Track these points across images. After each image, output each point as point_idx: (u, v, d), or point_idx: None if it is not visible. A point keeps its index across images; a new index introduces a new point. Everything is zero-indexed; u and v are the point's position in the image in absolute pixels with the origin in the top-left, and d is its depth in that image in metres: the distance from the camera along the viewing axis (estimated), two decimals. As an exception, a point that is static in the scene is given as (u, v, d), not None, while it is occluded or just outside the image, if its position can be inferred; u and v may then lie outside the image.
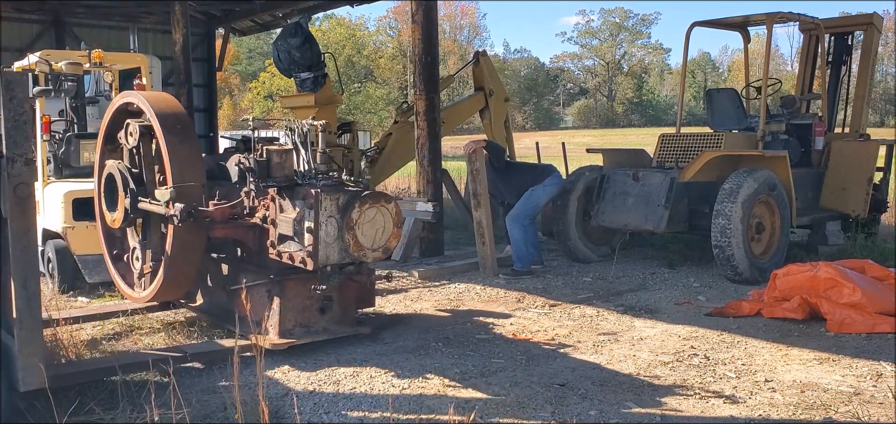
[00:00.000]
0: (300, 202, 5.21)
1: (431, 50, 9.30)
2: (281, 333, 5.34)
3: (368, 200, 5.16)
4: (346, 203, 5.10)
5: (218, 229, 5.52)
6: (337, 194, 5.10)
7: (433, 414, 4.27)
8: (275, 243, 5.38)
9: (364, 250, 5.16)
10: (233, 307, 5.70)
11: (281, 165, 5.38)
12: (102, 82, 12.49)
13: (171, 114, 5.48)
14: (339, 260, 5.14)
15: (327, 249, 5.06)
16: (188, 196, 5.27)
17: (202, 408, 4.35)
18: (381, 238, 5.22)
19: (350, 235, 5.08)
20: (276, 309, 5.38)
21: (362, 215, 5.11)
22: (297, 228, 5.17)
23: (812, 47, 10.08)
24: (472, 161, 8.33)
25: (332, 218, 5.05)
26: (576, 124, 78.93)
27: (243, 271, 5.74)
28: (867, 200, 8.96)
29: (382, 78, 65.30)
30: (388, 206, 5.24)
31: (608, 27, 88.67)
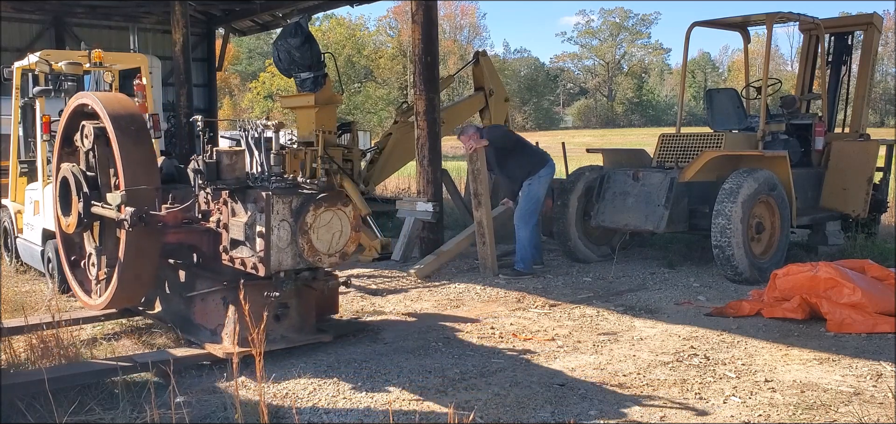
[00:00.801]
0: (252, 205, 5.03)
1: (431, 50, 9.29)
2: (237, 341, 5.11)
3: (324, 202, 4.99)
4: (299, 206, 4.93)
5: (171, 234, 5.32)
6: (290, 196, 4.93)
7: (433, 414, 4.27)
8: (227, 248, 5.21)
9: (319, 256, 4.99)
10: (190, 314, 5.54)
11: (231, 166, 5.18)
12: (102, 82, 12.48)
13: (126, 115, 5.28)
14: (293, 266, 4.97)
15: (280, 254, 4.89)
16: (141, 200, 5.08)
17: (202, 408, 4.35)
18: (337, 243, 5.05)
19: (304, 239, 4.91)
20: (231, 317, 5.18)
21: (317, 219, 4.95)
22: (248, 232, 4.99)
23: (812, 47, 10.08)
24: (473, 161, 8.32)
25: (284, 222, 4.89)
26: (576, 124, 78.92)
27: (200, 277, 5.54)
28: (867, 200, 8.95)
29: (382, 78, 65.27)
30: (346, 209, 5.08)
31: (608, 27, 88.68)
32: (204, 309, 5.46)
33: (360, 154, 11.54)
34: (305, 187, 5.20)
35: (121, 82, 9.48)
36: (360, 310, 6.76)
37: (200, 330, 5.42)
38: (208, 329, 5.38)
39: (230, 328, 5.16)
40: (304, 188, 5.16)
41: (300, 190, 5.08)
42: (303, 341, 5.32)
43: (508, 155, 8.53)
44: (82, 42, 9.50)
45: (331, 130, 10.46)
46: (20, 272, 8.71)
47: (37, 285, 8.04)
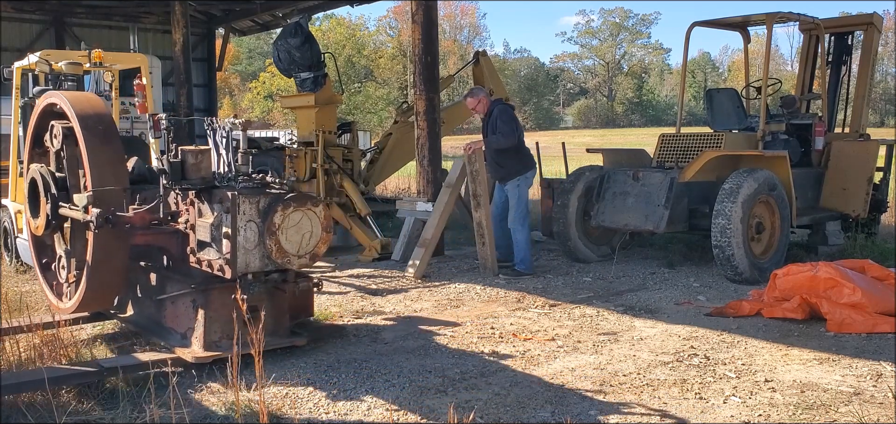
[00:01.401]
0: (218, 206, 4.91)
1: (431, 50, 9.29)
2: (206, 345, 4.99)
3: (293, 203, 4.86)
4: (267, 206, 4.81)
5: (138, 236, 5.18)
6: (257, 196, 4.81)
7: (433, 414, 4.27)
8: (195, 250, 5.09)
9: (288, 257, 4.86)
10: (161, 318, 5.44)
11: (196, 166, 5.06)
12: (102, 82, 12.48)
13: (93, 115, 5.16)
14: (261, 268, 4.85)
15: (247, 256, 4.77)
16: (108, 201, 4.96)
17: (202, 408, 4.35)
18: (307, 244, 4.91)
19: (272, 240, 4.79)
20: (200, 321, 5.04)
21: (286, 219, 4.82)
22: (214, 233, 4.87)
23: (812, 47, 10.08)
24: (472, 162, 8.32)
25: (251, 222, 4.76)
26: (576, 124, 78.95)
27: (171, 280, 5.42)
28: (867, 200, 8.95)
29: (382, 78, 65.27)
30: (316, 209, 4.95)
31: (608, 27, 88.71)
32: (174, 313, 5.33)
33: (360, 154, 11.54)
34: (274, 186, 5.08)
35: (121, 82, 9.48)
36: (360, 310, 6.76)
37: (171, 334, 5.30)
38: (178, 333, 5.26)
39: (199, 332, 5.03)
40: (273, 188, 5.04)
41: (268, 190, 4.96)
42: (276, 344, 5.15)
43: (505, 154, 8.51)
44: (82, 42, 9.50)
45: (331, 130, 10.46)
46: (20, 272, 8.71)
47: (37, 284, 8.04)
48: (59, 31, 17.12)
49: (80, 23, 17.52)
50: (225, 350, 4.88)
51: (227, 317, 4.96)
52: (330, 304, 7.01)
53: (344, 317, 6.52)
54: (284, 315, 5.36)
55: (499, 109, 8.48)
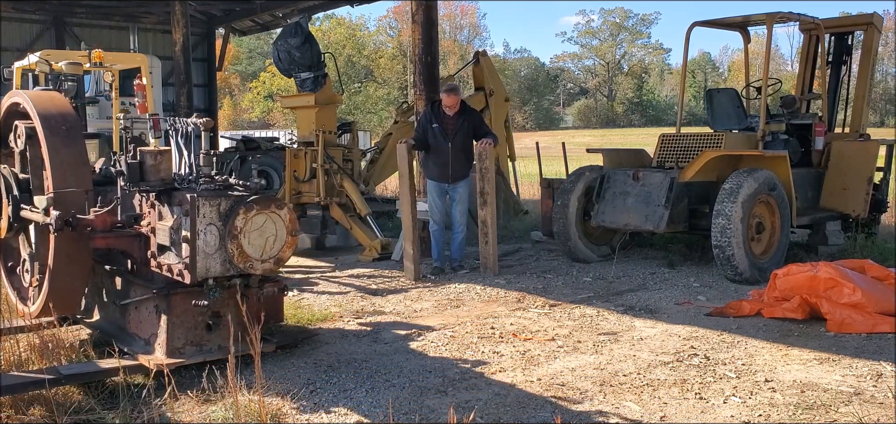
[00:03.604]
0: (177, 208, 4.77)
1: (431, 50, 9.29)
2: (169, 352, 4.83)
3: (256, 205, 4.68)
4: (228, 209, 4.63)
5: (99, 239, 5.01)
6: (217, 198, 4.64)
7: (433, 414, 4.27)
8: (155, 254, 4.95)
9: (251, 261, 4.68)
10: (125, 323, 5.32)
11: (155, 167, 4.90)
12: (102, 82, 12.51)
13: (56, 114, 5.06)
14: (223, 272, 4.67)
15: (207, 260, 4.60)
16: (69, 203, 4.83)
17: (202, 408, 4.34)
18: (272, 248, 4.74)
19: (234, 244, 4.61)
20: (163, 327, 4.89)
21: (248, 223, 4.64)
22: (173, 237, 4.72)
23: (812, 47, 10.08)
24: (482, 159, 8.31)
25: (212, 226, 4.59)
26: (576, 124, 78.96)
27: (135, 285, 5.25)
28: (867, 200, 8.95)
29: (382, 78, 65.30)
30: (280, 212, 4.77)
31: (608, 27, 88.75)
32: (138, 318, 5.20)
33: (360, 154, 11.55)
34: (237, 188, 4.92)
35: (121, 82, 9.49)
36: (360, 310, 6.77)
37: (135, 340, 5.16)
38: (142, 339, 5.11)
39: (162, 339, 4.87)
40: (236, 190, 4.87)
41: (230, 192, 4.80)
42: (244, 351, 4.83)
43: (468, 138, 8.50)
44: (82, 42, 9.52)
45: (331, 130, 10.47)
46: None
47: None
48: (59, 31, 17.14)
49: (80, 23, 17.53)
50: (189, 357, 4.79)
51: (191, 323, 4.88)
52: (330, 304, 7.02)
53: (344, 317, 6.52)
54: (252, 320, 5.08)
55: (470, 108, 8.61)
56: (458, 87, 8.61)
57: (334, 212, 10.11)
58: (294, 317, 6.35)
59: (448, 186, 8.47)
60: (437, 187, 8.45)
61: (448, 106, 8.26)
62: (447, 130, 8.33)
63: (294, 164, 10.59)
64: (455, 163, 8.37)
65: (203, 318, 4.91)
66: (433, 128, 8.31)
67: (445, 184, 8.46)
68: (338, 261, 9.43)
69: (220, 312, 4.90)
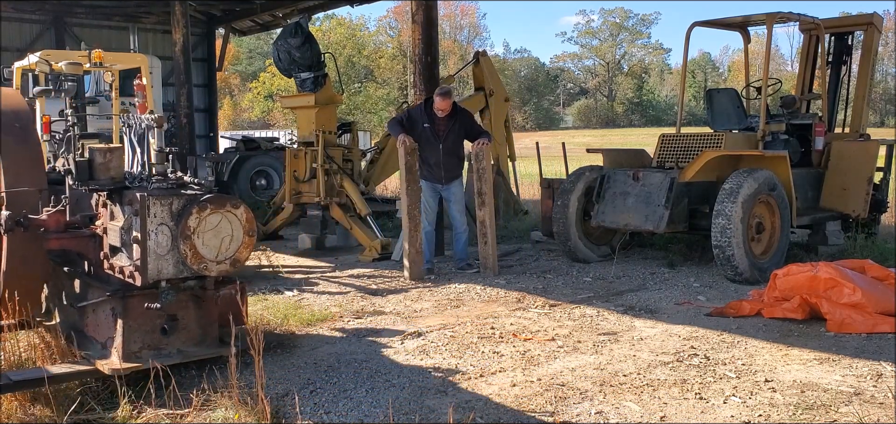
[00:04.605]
0: (128, 208, 4.65)
1: (431, 50, 9.29)
2: (125, 356, 4.65)
3: (210, 204, 4.52)
4: (180, 208, 4.48)
5: (53, 240, 4.89)
6: (169, 198, 4.49)
7: (433, 414, 4.27)
8: (108, 256, 4.82)
9: (206, 262, 4.53)
10: (83, 326, 5.15)
11: (105, 165, 4.75)
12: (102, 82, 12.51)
13: (10, 113, 4.95)
14: (176, 274, 4.51)
15: (159, 261, 4.44)
16: (21, 203, 4.71)
17: (202, 408, 4.34)
18: (227, 248, 4.57)
19: (187, 245, 4.46)
20: (119, 330, 4.71)
21: (202, 222, 4.48)
22: (124, 238, 4.60)
23: (812, 47, 10.08)
24: (479, 159, 8.32)
25: (163, 226, 4.44)
26: (576, 124, 78.99)
27: (93, 287, 5.07)
28: (867, 200, 8.95)
29: (382, 78, 65.30)
30: (236, 211, 4.61)
31: (608, 27, 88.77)
32: (95, 321, 5.04)
33: (360, 154, 11.55)
34: (192, 187, 4.77)
35: (121, 82, 9.49)
36: (360, 310, 6.77)
37: (92, 344, 5.01)
38: (99, 343, 4.96)
39: (118, 342, 4.70)
40: (189, 189, 4.72)
41: (182, 191, 4.65)
42: (202, 354, 4.83)
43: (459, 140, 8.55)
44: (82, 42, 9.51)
45: (331, 130, 10.47)
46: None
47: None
48: (59, 31, 17.14)
49: (80, 23, 17.52)
50: (146, 362, 4.58)
51: (147, 326, 4.71)
52: (330, 304, 7.02)
53: (344, 317, 6.52)
54: (212, 324, 4.98)
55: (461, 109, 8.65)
56: (452, 91, 8.62)
57: (334, 212, 10.11)
58: (294, 317, 6.36)
59: (441, 186, 8.51)
60: (429, 187, 8.48)
61: (440, 109, 8.29)
62: (438, 131, 8.36)
63: (294, 164, 10.60)
64: (446, 164, 8.43)
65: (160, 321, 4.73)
66: (425, 128, 8.33)
67: (438, 184, 8.50)
68: (338, 261, 9.43)
69: (177, 315, 4.74)
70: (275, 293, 7.48)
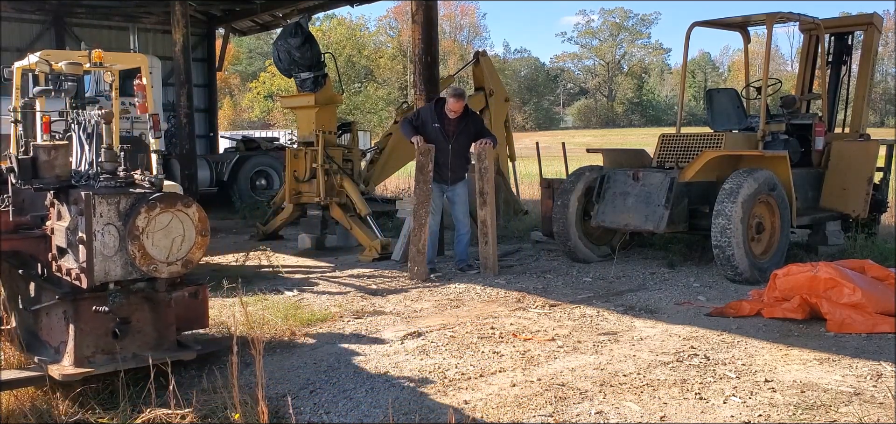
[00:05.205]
0: (74, 208, 4.46)
1: (431, 50, 9.29)
2: (77, 361, 4.46)
3: (160, 203, 4.33)
4: (128, 208, 4.30)
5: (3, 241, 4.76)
6: (116, 196, 4.31)
7: (433, 414, 4.27)
8: (56, 257, 4.65)
9: (155, 264, 4.34)
10: (37, 330, 5.00)
11: (50, 163, 4.57)
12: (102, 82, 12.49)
13: None
14: (124, 276, 4.33)
15: (106, 263, 4.26)
16: None
17: (202, 408, 4.34)
18: (179, 249, 4.39)
19: (136, 245, 4.27)
20: (71, 334, 4.53)
21: (152, 222, 4.30)
22: (70, 238, 4.44)
23: (812, 47, 10.08)
24: (481, 159, 8.33)
25: (110, 226, 4.25)
26: (576, 124, 79.01)
27: (46, 289, 4.89)
28: (867, 200, 8.95)
29: (382, 78, 65.30)
30: (188, 210, 4.42)
31: (608, 27, 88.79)
32: (48, 325, 4.88)
33: (360, 154, 11.56)
34: (142, 185, 4.59)
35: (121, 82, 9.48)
36: (360, 310, 6.77)
37: (45, 348, 4.85)
38: (52, 347, 4.80)
39: (70, 347, 4.53)
40: (138, 187, 4.54)
41: (131, 189, 4.47)
42: (160, 358, 4.58)
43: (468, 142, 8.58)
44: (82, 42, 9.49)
45: (331, 130, 10.48)
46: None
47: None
48: (59, 31, 17.14)
49: (80, 23, 17.53)
50: (99, 367, 4.44)
51: (100, 330, 4.52)
52: (330, 304, 7.02)
53: (344, 317, 6.52)
54: (170, 327, 4.80)
55: (472, 112, 8.65)
56: (465, 93, 8.63)
57: (334, 212, 10.12)
58: (294, 317, 6.36)
59: (447, 187, 8.50)
60: (436, 187, 8.46)
61: (452, 110, 8.30)
62: (448, 131, 8.34)
63: (294, 164, 10.60)
64: (454, 165, 8.43)
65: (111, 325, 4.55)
66: (434, 127, 8.32)
67: (444, 185, 8.49)
68: (338, 261, 9.43)
69: (129, 318, 4.55)
70: (275, 293, 7.48)
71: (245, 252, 10.14)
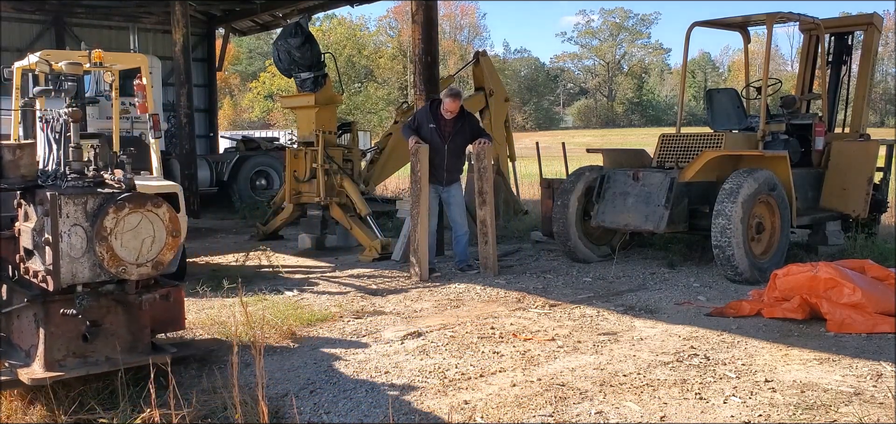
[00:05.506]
0: (40, 208, 4.38)
1: (431, 50, 9.29)
2: (47, 365, 4.38)
3: (129, 203, 4.25)
4: (96, 208, 4.22)
5: None
6: (83, 197, 4.22)
7: (433, 414, 4.27)
8: (24, 258, 4.58)
9: (124, 265, 4.26)
10: (9, 334, 4.89)
11: (14, 163, 4.49)
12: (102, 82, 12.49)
13: None
14: (92, 278, 4.25)
15: (73, 265, 4.18)
16: None
17: (202, 408, 4.34)
18: (149, 250, 4.31)
19: (104, 247, 4.18)
20: (41, 338, 4.44)
21: (120, 223, 4.22)
22: (36, 240, 4.35)
23: (812, 47, 10.08)
24: (480, 159, 8.33)
25: (77, 227, 4.17)
26: (576, 124, 79.00)
27: (17, 291, 4.79)
28: (867, 200, 8.95)
29: (382, 78, 65.29)
30: (158, 210, 4.34)
31: (608, 27, 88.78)
32: (19, 328, 4.80)
33: (360, 154, 11.56)
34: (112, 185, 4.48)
35: (121, 82, 9.48)
36: (360, 310, 6.77)
37: (16, 351, 4.75)
38: (23, 351, 4.72)
39: (40, 350, 4.44)
40: (108, 187, 4.44)
41: (98, 189, 4.37)
42: (133, 362, 4.54)
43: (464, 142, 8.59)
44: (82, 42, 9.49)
45: (331, 130, 10.48)
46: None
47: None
48: (59, 31, 17.14)
49: (80, 23, 17.53)
50: (70, 370, 4.35)
51: (71, 333, 4.42)
52: (330, 304, 7.02)
53: (344, 317, 6.52)
54: (143, 330, 4.69)
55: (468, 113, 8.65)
56: (461, 93, 8.62)
57: (334, 212, 10.12)
58: (294, 317, 6.36)
59: (441, 187, 8.52)
60: (431, 188, 8.47)
61: (449, 110, 8.29)
62: (444, 132, 8.35)
63: (294, 164, 10.60)
64: (450, 165, 8.45)
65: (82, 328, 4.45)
66: (430, 128, 8.33)
67: (439, 186, 8.50)
68: (338, 261, 9.43)
69: (98, 321, 4.46)
70: (275, 293, 7.49)
71: (245, 252, 10.14)
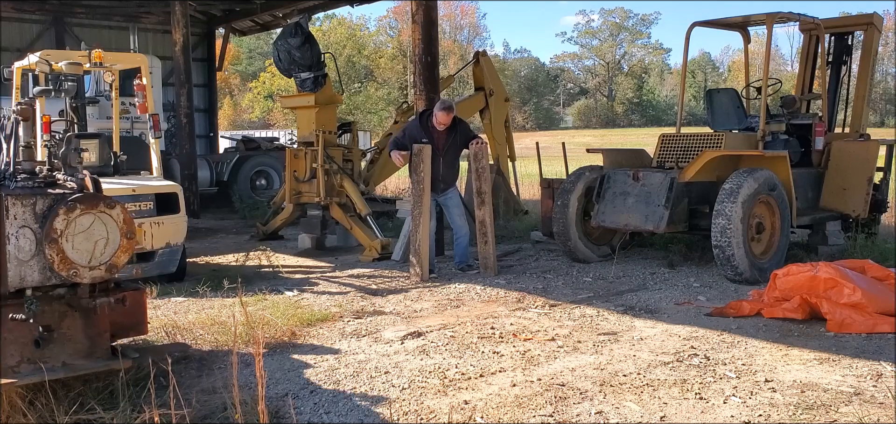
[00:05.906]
0: None
1: (431, 50, 9.29)
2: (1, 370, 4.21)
3: (80, 204, 4.10)
4: (46, 209, 4.07)
5: None
6: (32, 197, 4.07)
7: (433, 414, 4.27)
8: None
9: (76, 269, 4.11)
10: None
11: None
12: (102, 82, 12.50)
13: None
14: (43, 281, 4.11)
15: (21, 268, 4.05)
16: None
17: (202, 408, 4.35)
18: (102, 253, 4.17)
19: (54, 249, 4.04)
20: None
21: (72, 224, 4.07)
22: None
23: (812, 47, 10.08)
24: (478, 159, 8.34)
25: (26, 228, 4.04)
26: (576, 124, 79.02)
27: None
28: (867, 200, 8.95)
29: (382, 78, 65.31)
30: (112, 212, 4.20)
31: (608, 27, 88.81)
32: None
33: (360, 154, 11.56)
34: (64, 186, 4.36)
35: (121, 82, 9.48)
36: (360, 310, 6.77)
37: None
38: None
39: None
40: (57, 187, 4.31)
41: (48, 190, 4.22)
42: (91, 368, 4.40)
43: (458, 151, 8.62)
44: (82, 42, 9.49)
45: (331, 130, 10.48)
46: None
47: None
48: (59, 31, 17.15)
49: (80, 23, 17.54)
50: (23, 377, 4.18)
51: (25, 339, 4.24)
52: (330, 304, 7.02)
53: (344, 317, 6.52)
54: (102, 335, 4.51)
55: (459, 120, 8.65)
56: (453, 105, 8.59)
57: (334, 212, 10.12)
58: (294, 317, 6.36)
59: (438, 195, 8.57)
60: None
61: (441, 123, 8.30)
62: (437, 145, 8.37)
63: (294, 164, 10.60)
64: (445, 175, 8.50)
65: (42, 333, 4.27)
66: (422, 142, 8.31)
67: (435, 194, 8.52)
68: (338, 261, 9.43)
69: (52, 326, 4.29)
70: (275, 293, 7.49)
71: (245, 252, 10.14)
